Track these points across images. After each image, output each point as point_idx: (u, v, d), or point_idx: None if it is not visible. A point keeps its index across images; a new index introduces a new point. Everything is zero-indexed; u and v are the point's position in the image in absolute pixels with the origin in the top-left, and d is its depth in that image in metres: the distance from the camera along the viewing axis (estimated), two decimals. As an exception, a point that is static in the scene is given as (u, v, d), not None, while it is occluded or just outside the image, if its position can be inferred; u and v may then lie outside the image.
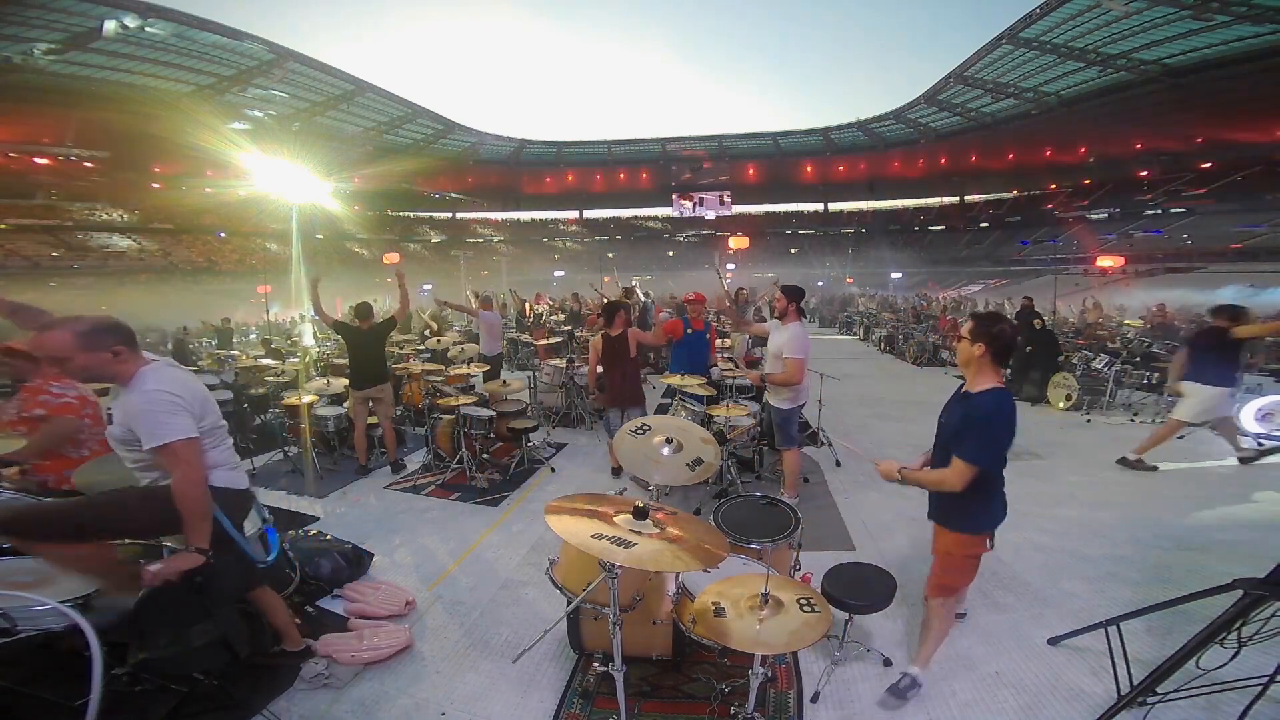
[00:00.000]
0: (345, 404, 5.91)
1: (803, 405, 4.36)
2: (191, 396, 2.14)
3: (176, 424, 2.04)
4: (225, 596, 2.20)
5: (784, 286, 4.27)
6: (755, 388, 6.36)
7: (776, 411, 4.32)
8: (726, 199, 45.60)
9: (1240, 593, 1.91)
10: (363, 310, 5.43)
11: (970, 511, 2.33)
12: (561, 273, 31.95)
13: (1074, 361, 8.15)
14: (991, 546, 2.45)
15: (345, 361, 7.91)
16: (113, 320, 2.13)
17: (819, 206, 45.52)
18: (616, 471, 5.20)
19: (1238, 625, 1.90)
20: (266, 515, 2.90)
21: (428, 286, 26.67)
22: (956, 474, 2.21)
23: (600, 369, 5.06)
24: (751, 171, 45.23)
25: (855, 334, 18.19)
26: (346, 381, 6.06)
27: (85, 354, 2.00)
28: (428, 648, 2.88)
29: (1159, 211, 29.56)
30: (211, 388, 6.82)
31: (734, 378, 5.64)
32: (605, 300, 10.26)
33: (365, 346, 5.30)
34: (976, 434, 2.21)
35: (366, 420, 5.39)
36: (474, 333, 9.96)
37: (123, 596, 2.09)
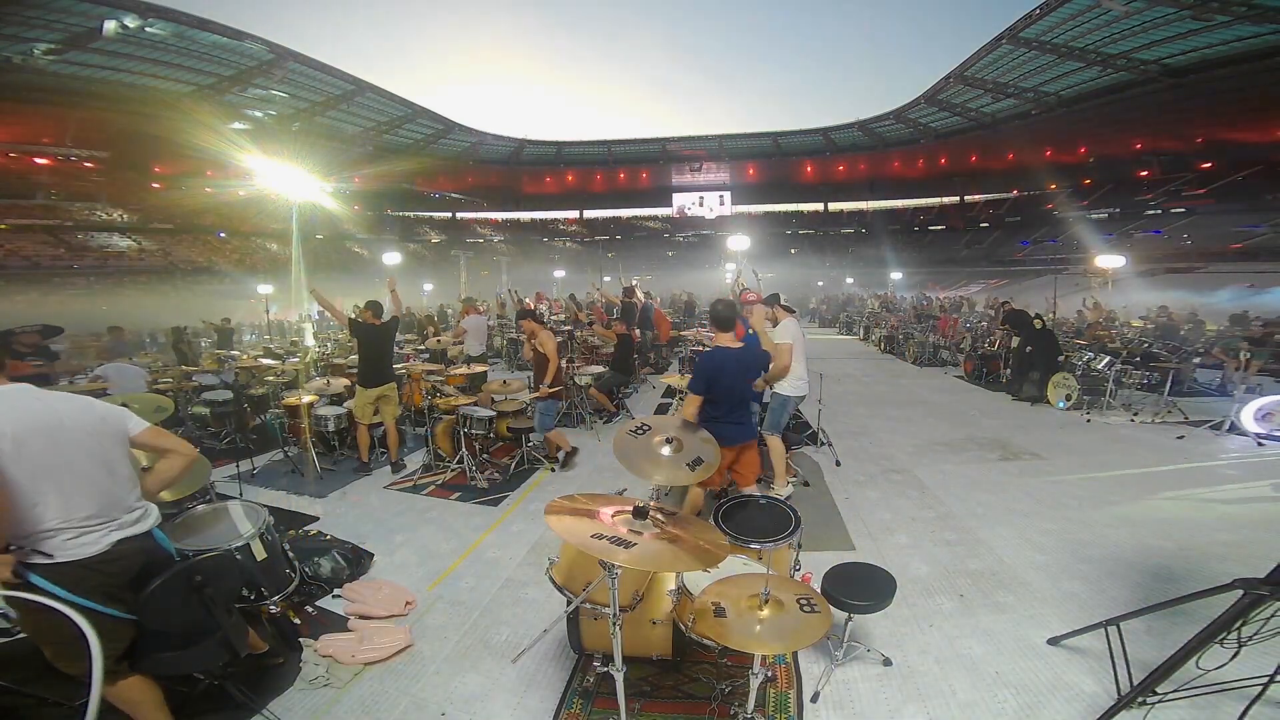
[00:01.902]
0: (347, 403, 5.90)
1: (802, 397, 4.64)
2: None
3: None
4: (225, 596, 2.20)
5: (765, 298, 4.82)
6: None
7: (776, 396, 4.48)
8: (726, 199, 45.60)
9: (1240, 593, 1.91)
10: (375, 308, 5.47)
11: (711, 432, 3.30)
12: (562, 272, 31.86)
13: (1074, 362, 8.16)
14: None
15: (345, 362, 7.95)
16: None
17: (819, 206, 45.46)
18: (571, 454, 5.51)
19: (1238, 625, 1.90)
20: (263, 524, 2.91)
21: (429, 287, 26.66)
22: (688, 400, 3.46)
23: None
24: (751, 171, 45.20)
25: (855, 334, 18.19)
26: (347, 381, 6.08)
27: None
28: (428, 648, 2.88)
29: (1159, 211, 29.50)
30: (211, 388, 6.86)
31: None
32: (622, 301, 10.35)
33: (377, 344, 5.36)
34: (693, 371, 3.56)
35: (370, 419, 5.39)
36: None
37: None
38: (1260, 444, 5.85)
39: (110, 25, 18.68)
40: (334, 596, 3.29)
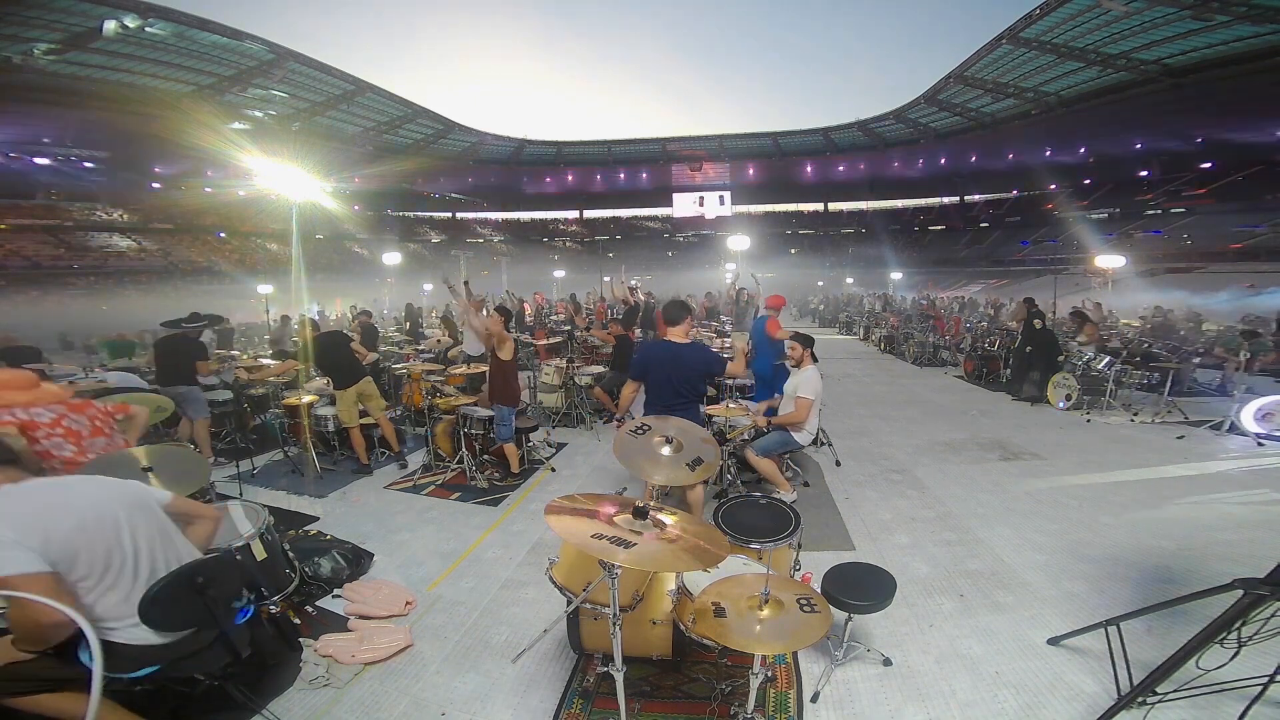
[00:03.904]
0: (334, 408, 5.92)
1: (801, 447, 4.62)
2: (30, 530, 1.75)
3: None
4: (227, 596, 2.20)
5: (796, 335, 4.66)
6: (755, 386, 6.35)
7: (783, 433, 4.41)
8: (726, 199, 45.62)
9: (1240, 593, 1.91)
10: (310, 324, 5.94)
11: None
12: (562, 273, 31.86)
13: (1074, 362, 8.16)
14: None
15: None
16: None
17: (819, 206, 45.52)
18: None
19: (1238, 625, 1.90)
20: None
21: (428, 287, 26.66)
22: (626, 384, 3.84)
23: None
24: (751, 171, 45.22)
25: (855, 334, 18.19)
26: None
27: None
28: (428, 648, 2.88)
29: (1159, 211, 29.54)
30: (211, 388, 6.85)
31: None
32: (631, 303, 10.37)
33: (331, 351, 5.47)
34: (633, 358, 4.00)
35: (359, 419, 5.41)
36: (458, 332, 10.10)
37: None
38: (1260, 444, 5.84)
39: (110, 25, 18.68)
40: (334, 596, 3.29)
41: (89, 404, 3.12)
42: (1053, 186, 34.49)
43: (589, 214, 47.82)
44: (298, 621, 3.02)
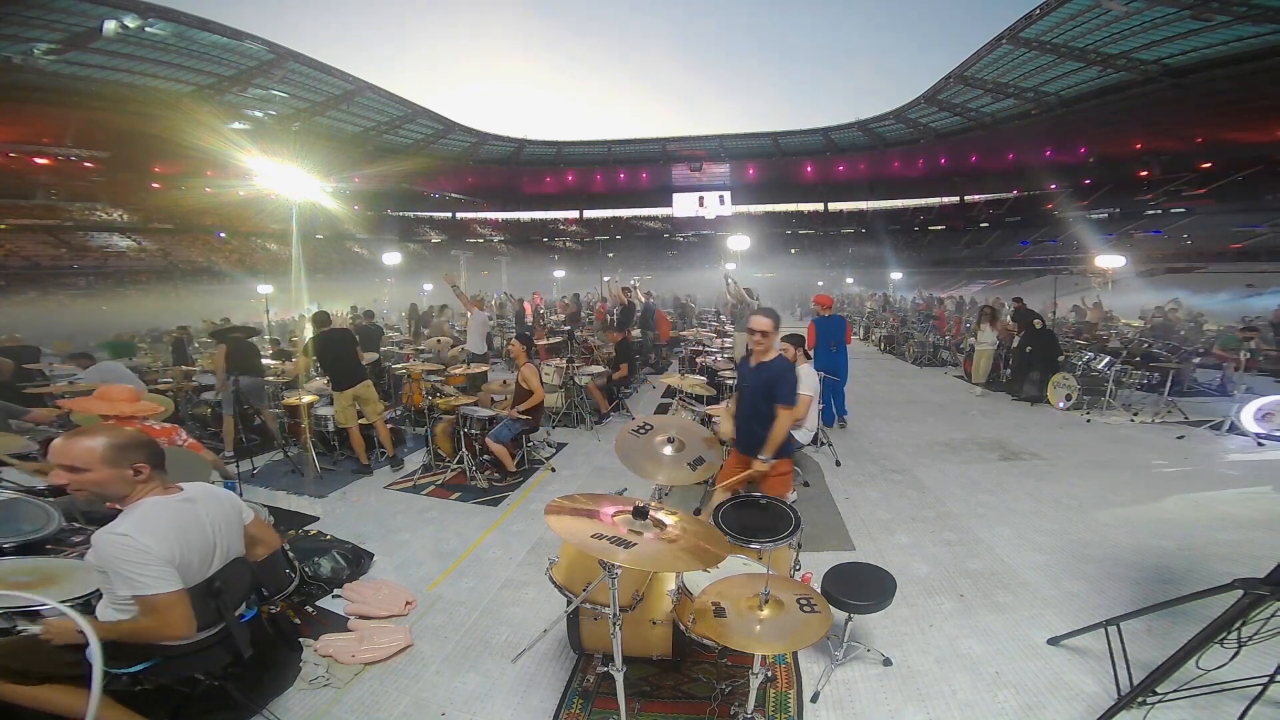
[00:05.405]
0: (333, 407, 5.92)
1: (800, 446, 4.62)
2: (174, 548, 1.88)
3: (150, 576, 1.80)
4: (236, 599, 2.21)
5: (786, 336, 4.65)
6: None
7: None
8: (726, 199, 45.58)
9: (1240, 593, 1.91)
10: (320, 318, 5.76)
11: (788, 442, 3.16)
12: (562, 273, 31.84)
13: (1074, 361, 8.16)
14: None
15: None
16: (146, 438, 1.99)
17: (819, 206, 45.48)
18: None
19: (1238, 625, 1.90)
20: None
21: (428, 287, 26.65)
22: (788, 416, 3.10)
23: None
24: (751, 171, 45.18)
25: (855, 334, 18.19)
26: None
27: (108, 468, 1.88)
28: (428, 648, 2.88)
29: (1159, 211, 29.50)
30: (211, 388, 6.85)
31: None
32: (627, 303, 10.37)
33: (333, 348, 5.44)
34: (785, 385, 3.10)
35: (357, 421, 5.41)
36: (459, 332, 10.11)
37: None
38: (1260, 444, 5.85)
39: (110, 25, 18.67)
40: (334, 596, 3.29)
41: (173, 431, 3.32)
42: (1053, 186, 34.45)
43: (589, 214, 47.75)
44: (298, 621, 3.02)
